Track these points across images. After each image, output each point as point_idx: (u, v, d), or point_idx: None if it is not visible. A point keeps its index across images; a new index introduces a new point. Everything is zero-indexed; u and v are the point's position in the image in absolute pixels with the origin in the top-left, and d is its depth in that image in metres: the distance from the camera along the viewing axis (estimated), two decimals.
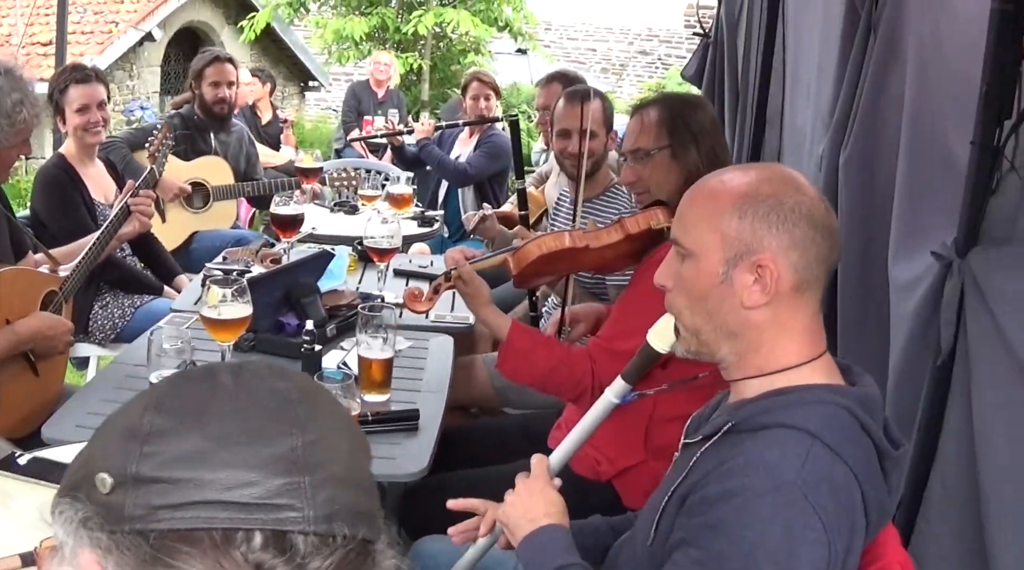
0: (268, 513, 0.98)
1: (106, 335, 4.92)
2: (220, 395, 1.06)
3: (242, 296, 3.24)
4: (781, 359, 1.98)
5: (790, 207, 1.93)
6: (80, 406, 3.21)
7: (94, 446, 1.09)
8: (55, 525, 1.06)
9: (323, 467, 1.02)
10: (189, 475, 0.99)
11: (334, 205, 6.08)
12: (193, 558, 0.96)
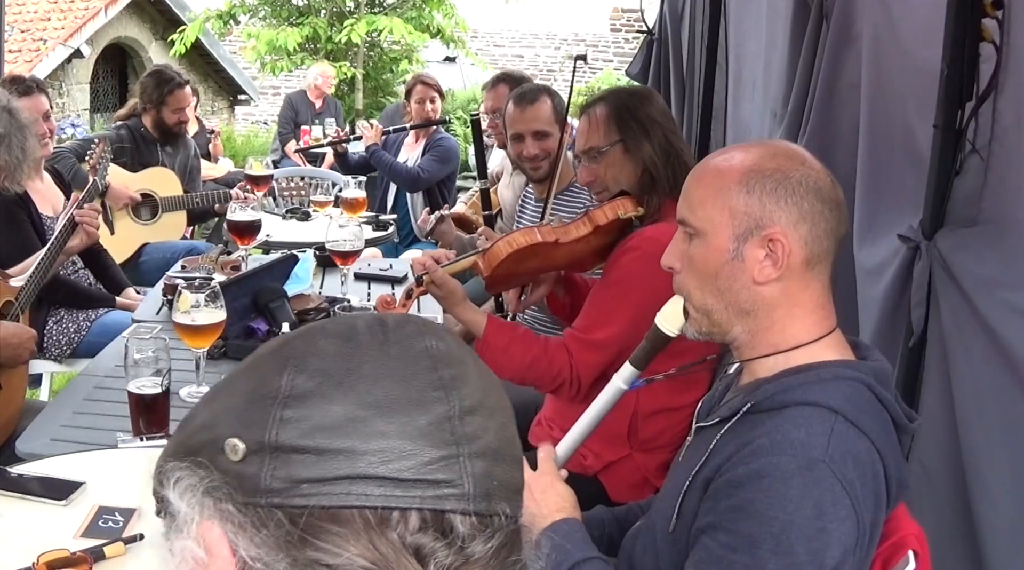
0: (426, 490, 0.88)
1: (62, 351, 4.82)
2: (368, 354, 0.93)
3: (215, 301, 3.19)
4: (794, 336, 1.98)
5: (797, 180, 1.93)
6: (52, 419, 3.15)
7: (215, 407, 0.96)
8: (166, 490, 0.94)
9: (478, 438, 0.91)
10: (339, 445, 0.87)
11: (286, 212, 6.04)
12: (344, 540, 0.86)
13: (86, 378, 3.52)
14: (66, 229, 4.02)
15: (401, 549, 0.86)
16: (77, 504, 2.48)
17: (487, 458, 0.91)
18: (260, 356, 0.99)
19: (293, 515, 0.87)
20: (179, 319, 3.17)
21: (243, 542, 0.88)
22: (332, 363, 0.92)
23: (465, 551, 0.89)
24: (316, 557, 0.85)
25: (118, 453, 2.82)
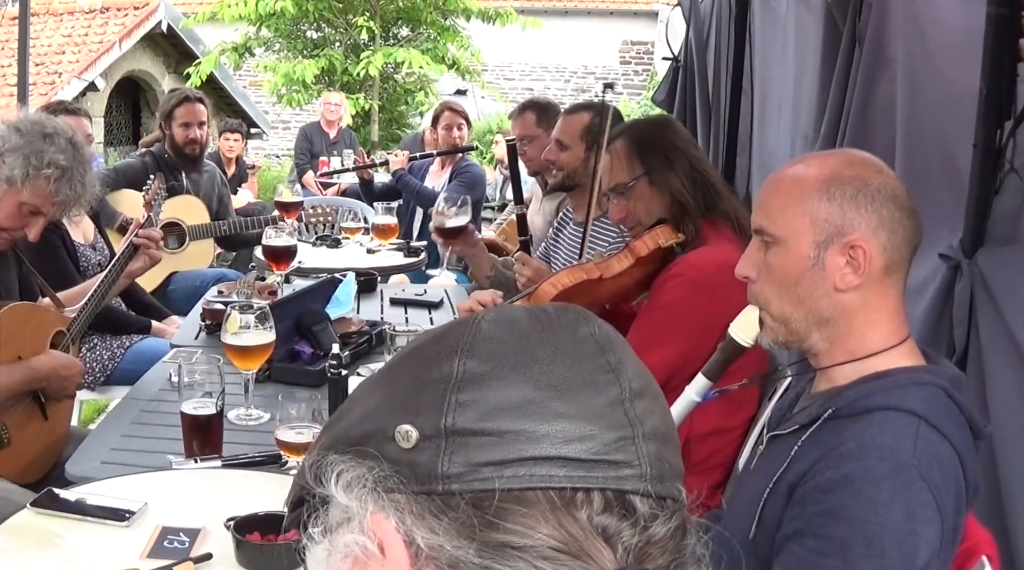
0: (607, 470, 0.87)
1: (95, 378, 4.82)
2: (537, 338, 0.92)
3: (264, 322, 3.20)
4: (872, 343, 1.99)
5: (876, 188, 1.94)
6: (102, 443, 3.14)
7: (374, 399, 0.95)
8: (325, 486, 0.92)
9: (648, 420, 0.91)
10: (519, 427, 0.86)
11: (316, 239, 6.06)
12: (534, 521, 0.84)
13: (132, 402, 3.51)
14: (126, 254, 4.03)
15: (589, 529, 0.85)
16: (139, 525, 2.46)
17: (658, 440, 0.91)
18: (420, 347, 0.97)
19: (476, 499, 0.85)
20: (228, 340, 3.17)
21: (421, 532, 0.86)
22: (503, 347, 0.91)
23: (648, 532, 0.88)
24: (506, 540, 0.84)
25: (174, 474, 2.81)
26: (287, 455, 2.78)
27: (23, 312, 3.55)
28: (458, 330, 0.94)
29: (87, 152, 3.53)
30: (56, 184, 3.38)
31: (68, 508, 2.53)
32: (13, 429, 3.47)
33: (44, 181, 3.36)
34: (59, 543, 2.43)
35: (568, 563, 0.84)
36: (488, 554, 0.84)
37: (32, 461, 3.56)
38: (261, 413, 3.25)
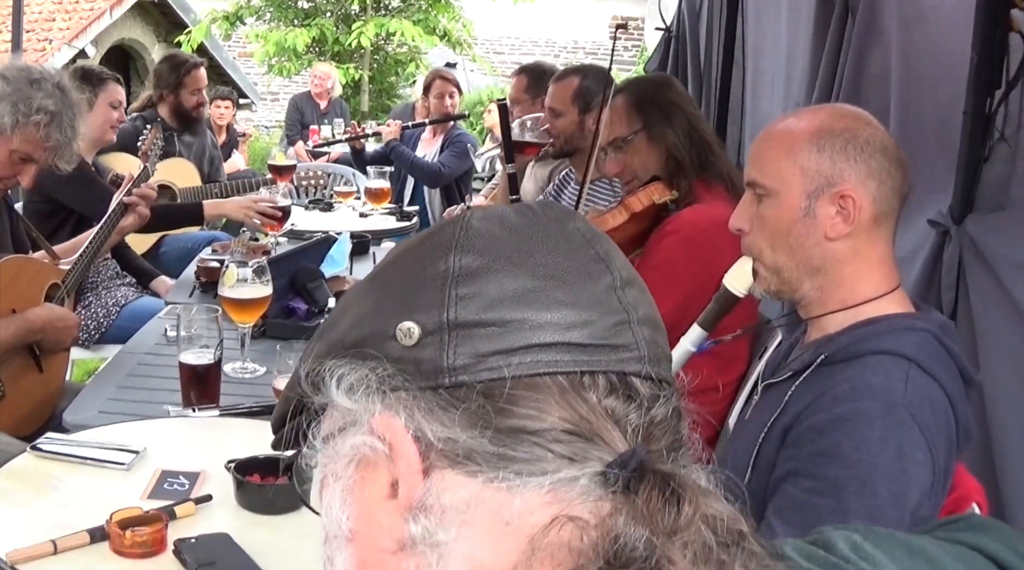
0: (609, 354, 0.88)
1: (90, 336, 4.83)
2: (528, 231, 0.93)
3: (262, 276, 3.23)
4: (862, 292, 2.02)
5: (865, 139, 1.99)
6: (98, 393, 3.17)
7: (367, 303, 0.95)
8: (324, 393, 0.92)
9: (638, 307, 0.92)
10: (521, 316, 0.87)
11: (309, 202, 6.07)
12: (545, 405, 0.85)
13: (128, 355, 3.53)
14: (117, 211, 4.05)
15: (599, 411, 0.87)
16: (138, 469, 2.49)
17: (650, 326, 0.92)
18: (408, 249, 0.98)
19: (486, 389, 0.86)
20: (226, 293, 3.20)
21: (431, 426, 0.87)
22: (496, 241, 0.92)
23: (651, 413, 0.89)
24: (519, 425, 0.85)
25: (172, 422, 2.84)
26: None
27: (17, 265, 3.56)
28: (447, 229, 0.95)
29: (75, 97, 3.53)
30: (46, 130, 3.38)
31: (67, 452, 2.55)
32: (8, 382, 3.49)
33: (34, 127, 3.36)
34: (58, 486, 2.45)
35: (581, 446, 0.85)
36: (502, 441, 0.85)
37: (28, 414, 3.58)
38: (257, 367, 3.27)
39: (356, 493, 0.92)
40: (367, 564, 0.92)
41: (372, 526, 0.91)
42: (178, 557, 2.08)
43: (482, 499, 0.85)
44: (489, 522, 0.85)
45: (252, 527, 2.22)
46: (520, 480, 0.84)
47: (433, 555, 0.86)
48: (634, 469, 0.84)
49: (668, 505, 0.81)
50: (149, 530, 2.10)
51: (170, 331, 3.61)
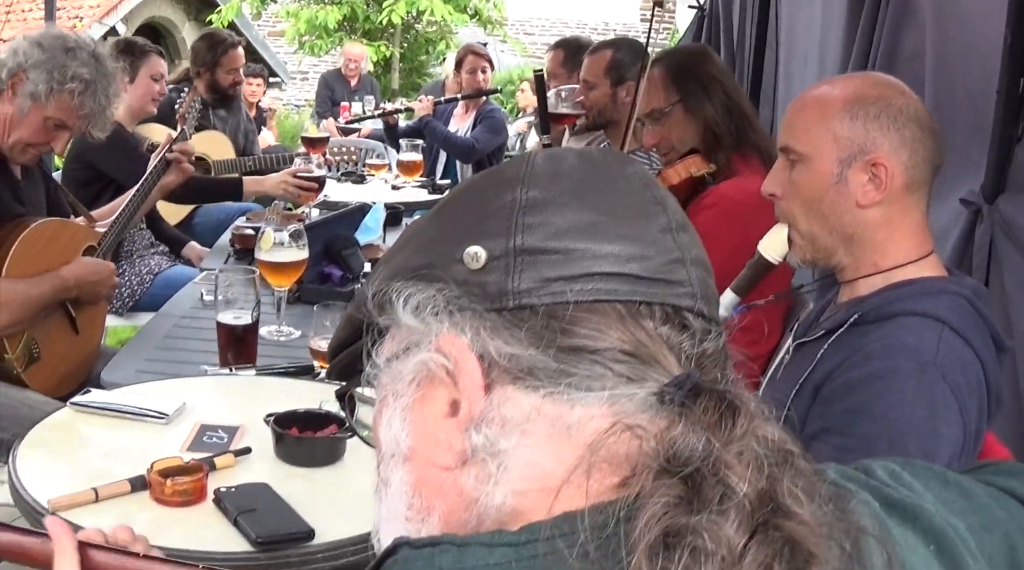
0: (664, 288, 0.92)
1: (124, 303, 4.88)
2: (589, 171, 0.98)
3: (298, 240, 3.27)
4: (895, 257, 2.03)
5: (898, 108, 1.99)
6: (136, 354, 3.21)
7: (432, 231, 1.00)
8: (390, 313, 0.96)
9: (691, 249, 0.96)
10: (584, 246, 0.91)
11: (341, 175, 6.10)
12: (606, 327, 0.89)
13: (164, 317, 3.58)
14: (159, 168, 4.10)
15: (656, 336, 0.91)
16: (177, 423, 2.52)
17: (702, 267, 0.96)
18: (473, 185, 1.03)
19: (549, 311, 0.90)
20: (263, 257, 3.23)
21: (494, 344, 0.90)
22: (560, 178, 0.97)
23: (703, 345, 0.93)
24: (581, 344, 0.88)
25: (210, 380, 2.88)
26: (321, 365, 2.86)
27: (53, 228, 3.59)
28: (512, 167, 0.99)
29: (110, 66, 3.56)
30: (80, 98, 3.40)
31: (107, 406, 2.59)
32: (44, 344, 3.53)
33: (68, 95, 3.38)
34: (99, 439, 2.49)
35: (639, 367, 0.89)
36: (563, 358, 0.89)
37: (64, 376, 3.61)
38: (292, 330, 3.31)
39: (416, 411, 0.95)
40: (424, 481, 0.94)
41: (430, 444, 0.93)
42: (218, 505, 2.10)
43: (542, 411, 0.88)
44: (548, 430, 0.88)
45: (290, 479, 2.25)
46: (580, 394, 0.88)
47: (494, 464, 0.89)
48: (690, 389, 0.87)
49: (723, 419, 0.84)
50: (189, 479, 2.13)
51: (206, 296, 3.66)
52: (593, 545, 0.79)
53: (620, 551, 0.78)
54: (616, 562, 0.78)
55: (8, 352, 3.40)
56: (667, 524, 0.78)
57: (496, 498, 0.88)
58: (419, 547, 0.84)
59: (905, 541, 0.96)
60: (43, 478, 2.24)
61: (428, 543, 0.84)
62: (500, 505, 0.87)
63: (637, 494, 0.81)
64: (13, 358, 3.41)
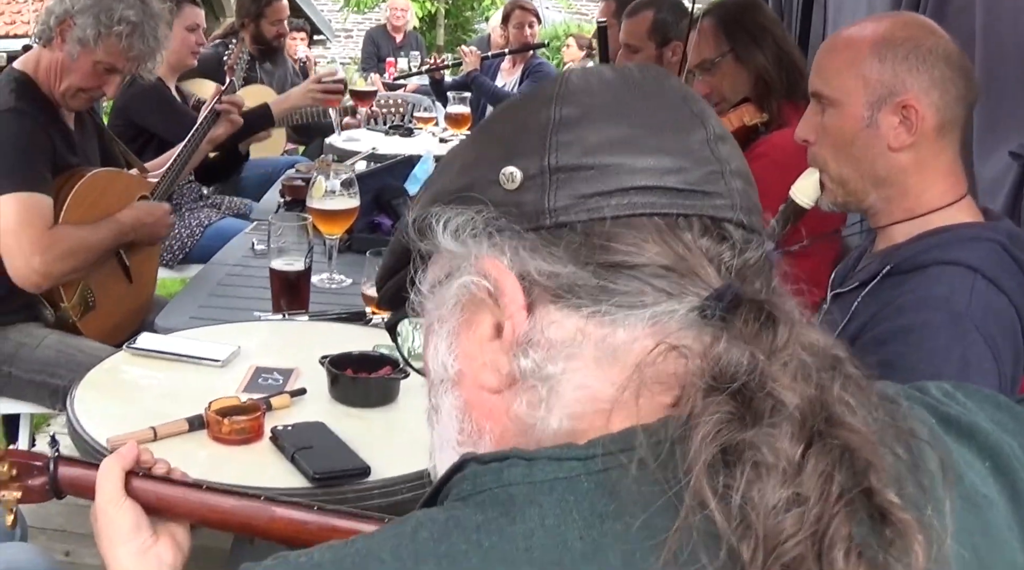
0: (702, 200, 0.91)
1: (174, 256, 4.92)
2: (626, 87, 0.97)
3: (349, 188, 3.29)
4: (928, 201, 2.01)
5: (928, 48, 1.96)
6: (189, 301, 3.25)
7: (470, 154, 1.00)
8: (431, 238, 0.95)
9: (731, 161, 0.94)
10: (619, 161, 0.90)
11: (389, 129, 6.11)
12: (644, 241, 0.88)
13: (216, 266, 3.62)
14: (209, 119, 4.12)
15: (695, 248, 0.90)
16: (233, 366, 2.55)
17: (742, 179, 0.95)
18: (509, 106, 1.02)
19: (586, 228, 0.89)
20: (315, 205, 3.25)
21: (534, 263, 0.89)
22: (595, 95, 0.95)
23: (744, 256, 0.92)
24: (620, 260, 0.88)
25: (263, 326, 2.91)
26: (373, 311, 2.88)
27: (107, 178, 3.62)
28: (547, 86, 0.98)
29: (156, 8, 3.57)
30: (129, 40, 3.41)
31: (163, 350, 2.63)
32: (99, 292, 3.57)
33: (116, 38, 3.40)
34: (155, 381, 2.53)
35: (678, 282, 0.88)
36: (603, 275, 0.88)
37: (118, 324, 3.65)
38: (343, 277, 3.33)
39: (462, 336, 0.95)
40: (473, 405, 0.95)
41: (478, 367, 0.93)
42: (275, 443, 2.14)
43: (587, 332, 0.88)
44: (595, 353, 0.87)
45: (345, 419, 2.28)
46: (622, 313, 0.87)
47: (544, 388, 0.88)
48: (730, 301, 0.86)
49: (764, 329, 0.84)
50: (247, 418, 2.17)
51: (258, 245, 3.69)
52: (653, 461, 0.79)
53: (679, 470, 0.78)
54: (676, 479, 0.78)
55: (64, 300, 3.45)
56: (723, 441, 0.78)
57: (552, 423, 0.88)
58: (487, 462, 0.84)
59: (961, 456, 0.95)
60: (101, 419, 2.28)
61: (496, 458, 0.84)
62: (557, 429, 0.87)
63: (689, 413, 0.80)
64: (69, 306, 3.46)
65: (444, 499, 0.86)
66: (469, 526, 0.80)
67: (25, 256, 3.23)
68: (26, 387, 3.35)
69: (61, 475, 1.52)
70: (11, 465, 1.51)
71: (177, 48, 5.06)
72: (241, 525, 1.46)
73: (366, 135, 5.89)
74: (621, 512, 0.78)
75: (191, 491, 1.50)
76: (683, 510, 0.76)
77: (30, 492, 1.53)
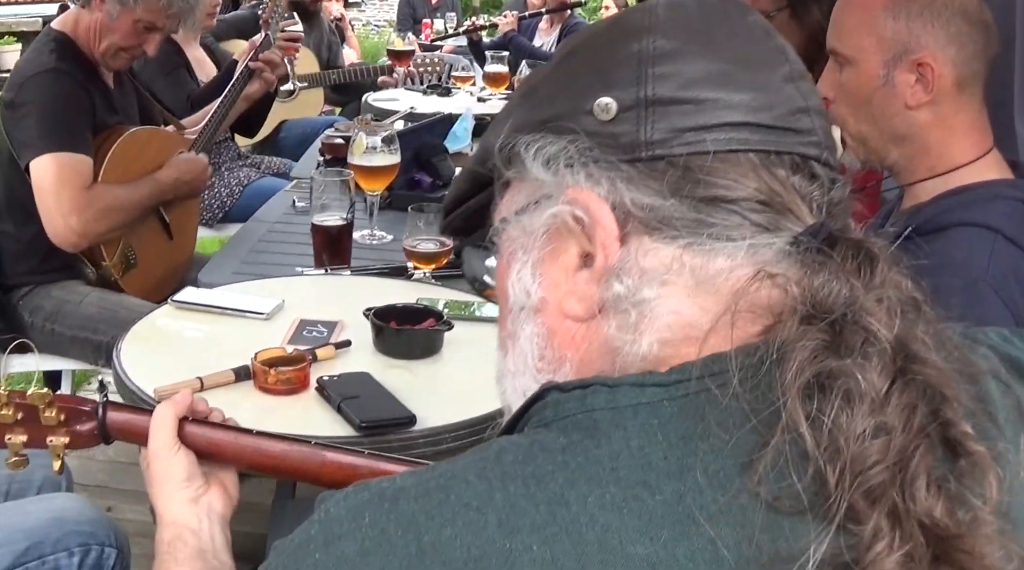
0: (793, 137, 0.91)
1: (213, 214, 4.93)
2: (713, 21, 0.96)
3: (390, 144, 3.29)
4: (951, 158, 1.98)
5: (942, 3, 1.92)
6: (232, 256, 3.26)
7: (556, 82, 0.99)
8: (524, 166, 0.95)
9: (813, 98, 0.95)
10: (715, 96, 0.90)
11: (427, 88, 6.09)
12: (741, 177, 0.89)
13: (258, 223, 3.62)
14: (243, 77, 4.13)
15: (789, 186, 0.90)
16: (277, 319, 2.56)
17: (823, 117, 0.95)
18: (595, 34, 1.01)
19: (684, 161, 0.89)
20: (356, 161, 3.25)
21: (630, 195, 0.89)
22: (687, 27, 0.95)
23: (831, 194, 0.93)
24: (716, 194, 0.88)
25: (306, 280, 2.92)
26: (415, 266, 2.88)
27: (145, 136, 3.64)
28: (635, 15, 0.97)
29: None
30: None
31: (207, 303, 2.64)
32: (140, 250, 3.60)
33: None
34: (200, 334, 2.54)
35: (774, 217, 0.89)
36: (700, 208, 0.88)
37: (159, 281, 3.68)
38: (384, 234, 3.34)
39: (547, 264, 0.95)
40: (556, 332, 0.95)
41: (563, 295, 0.93)
42: (321, 393, 2.15)
43: (683, 261, 0.88)
44: (690, 280, 0.88)
45: (389, 370, 2.28)
46: (719, 244, 0.88)
47: (635, 312, 0.88)
48: (824, 238, 0.87)
49: (863, 266, 0.85)
50: (293, 368, 2.18)
51: (299, 202, 3.70)
52: (743, 387, 0.80)
53: (771, 393, 0.79)
54: (767, 404, 0.79)
55: (106, 259, 3.48)
56: (818, 367, 0.79)
57: (641, 347, 0.88)
58: (569, 390, 0.84)
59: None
60: (148, 370, 2.29)
61: (578, 385, 0.84)
62: (645, 354, 0.87)
63: (784, 340, 0.81)
64: (111, 265, 3.49)
65: (524, 427, 0.87)
66: (554, 448, 0.80)
67: (63, 215, 3.26)
68: (69, 344, 3.38)
69: (110, 420, 1.52)
70: (59, 410, 1.51)
71: None
72: (293, 470, 1.46)
73: (404, 94, 5.87)
74: (707, 433, 0.79)
75: (243, 436, 1.51)
76: (776, 430, 0.77)
77: (78, 437, 1.54)
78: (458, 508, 0.78)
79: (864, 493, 0.75)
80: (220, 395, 2.16)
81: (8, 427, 1.51)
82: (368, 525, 0.79)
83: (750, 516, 0.76)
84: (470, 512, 0.78)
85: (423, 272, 2.86)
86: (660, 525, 0.75)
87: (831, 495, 0.75)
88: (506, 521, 0.76)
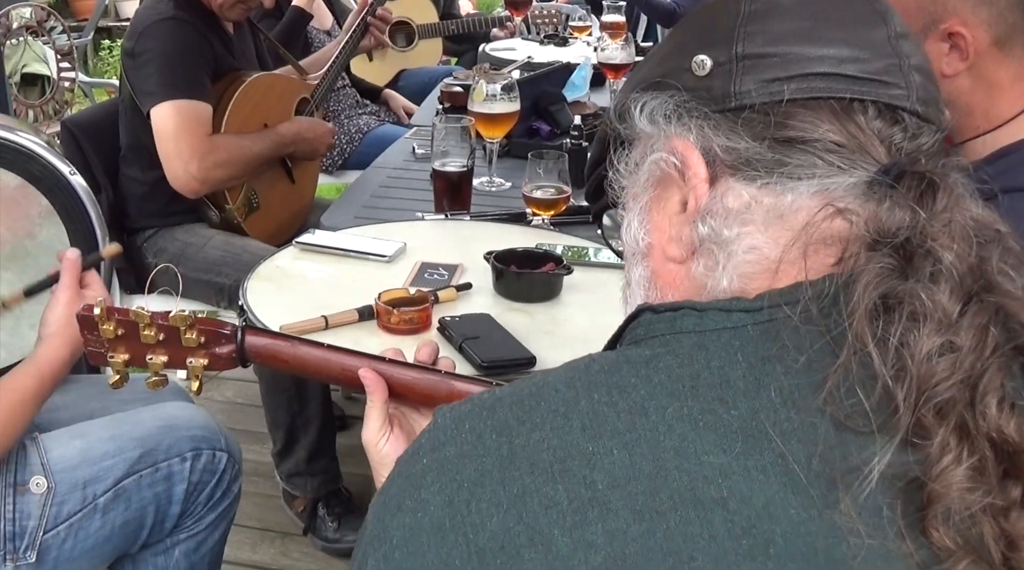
0: (878, 88, 0.98)
1: (333, 161, 5.00)
2: None
3: (510, 92, 3.31)
4: (997, 114, 1.88)
5: None
6: (353, 201, 3.32)
7: (667, 48, 1.09)
8: (630, 121, 1.06)
9: (912, 56, 1.01)
10: (801, 50, 0.99)
11: (544, 38, 6.09)
12: (818, 120, 0.96)
13: (378, 170, 3.68)
14: (360, 29, 4.19)
15: (867, 129, 0.96)
16: (399, 261, 2.62)
17: (922, 74, 1.01)
18: (704, 4, 1.09)
19: (767, 108, 0.97)
20: (476, 108, 3.28)
21: (717, 140, 0.98)
22: None
23: (916, 141, 0.99)
24: (794, 135, 0.95)
25: (426, 224, 2.96)
26: (533, 212, 2.91)
27: (266, 82, 3.70)
28: None
29: None
30: None
31: (330, 246, 2.70)
32: (262, 194, 3.67)
33: None
34: (323, 275, 2.60)
35: (848, 157, 0.94)
36: (778, 149, 0.95)
37: (281, 225, 3.76)
38: (503, 181, 3.37)
39: (653, 210, 1.04)
40: (659, 274, 1.03)
41: (666, 239, 1.02)
42: (443, 333, 2.19)
43: (759, 200, 0.95)
44: (765, 217, 0.94)
45: (509, 313, 2.32)
46: (792, 182, 0.94)
47: (721, 252, 0.95)
48: (896, 175, 0.92)
49: (926, 194, 0.90)
50: (415, 309, 2.22)
51: (418, 149, 3.75)
52: (816, 310, 0.85)
53: (841, 316, 0.84)
54: (838, 325, 0.83)
55: (229, 202, 3.55)
56: (884, 289, 0.83)
57: (723, 282, 0.94)
58: (661, 312, 0.91)
59: None
60: (273, 309, 2.35)
61: (670, 308, 0.91)
62: (727, 287, 0.94)
63: (852, 267, 0.86)
64: (234, 208, 3.56)
65: (619, 345, 0.94)
66: (639, 362, 0.86)
67: (184, 162, 3.32)
68: (192, 285, 3.45)
69: (248, 344, 1.56)
70: (199, 333, 1.55)
71: None
72: (423, 397, 1.49)
73: (521, 44, 5.88)
74: (783, 355, 0.84)
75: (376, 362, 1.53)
76: (844, 350, 0.82)
77: (217, 360, 1.58)
78: (547, 414, 0.84)
79: (932, 409, 0.79)
80: (344, 334, 2.22)
81: (150, 347, 1.56)
82: (468, 431, 0.85)
83: (820, 433, 0.80)
84: (557, 418, 0.83)
85: (542, 218, 2.89)
86: (734, 438, 0.80)
87: (899, 411, 0.80)
88: (589, 426, 0.82)
